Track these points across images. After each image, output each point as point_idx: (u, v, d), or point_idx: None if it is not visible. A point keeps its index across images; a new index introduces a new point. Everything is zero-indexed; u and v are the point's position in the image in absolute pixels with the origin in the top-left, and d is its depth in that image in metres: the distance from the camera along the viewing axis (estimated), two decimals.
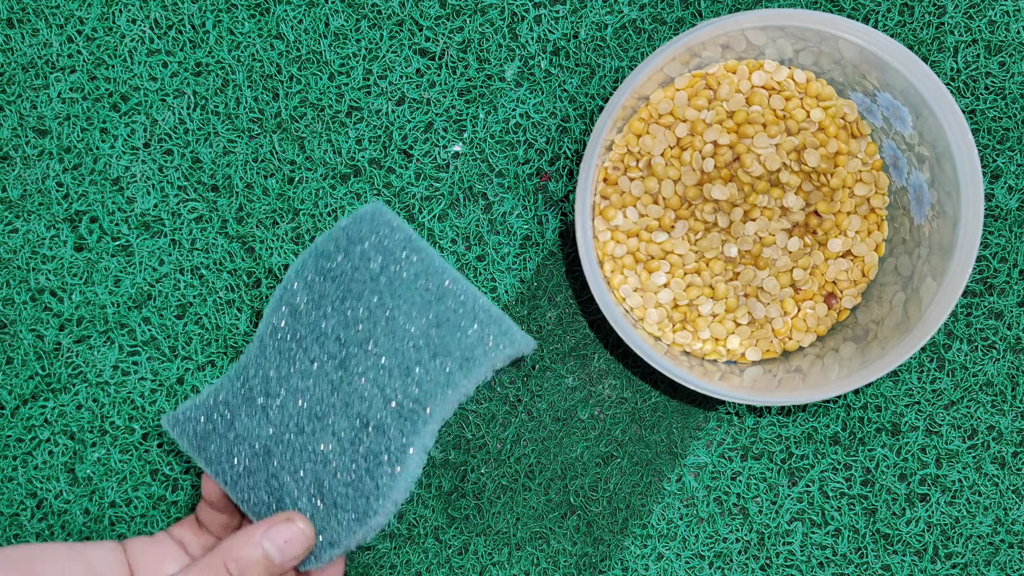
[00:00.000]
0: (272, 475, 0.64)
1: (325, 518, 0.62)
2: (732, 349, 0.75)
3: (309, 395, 0.63)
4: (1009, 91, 0.77)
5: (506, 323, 0.63)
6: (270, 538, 0.61)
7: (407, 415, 0.62)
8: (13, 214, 0.75)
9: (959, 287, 0.68)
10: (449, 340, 0.63)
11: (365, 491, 0.62)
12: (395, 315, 0.63)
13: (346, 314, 0.64)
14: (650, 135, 0.73)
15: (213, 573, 0.60)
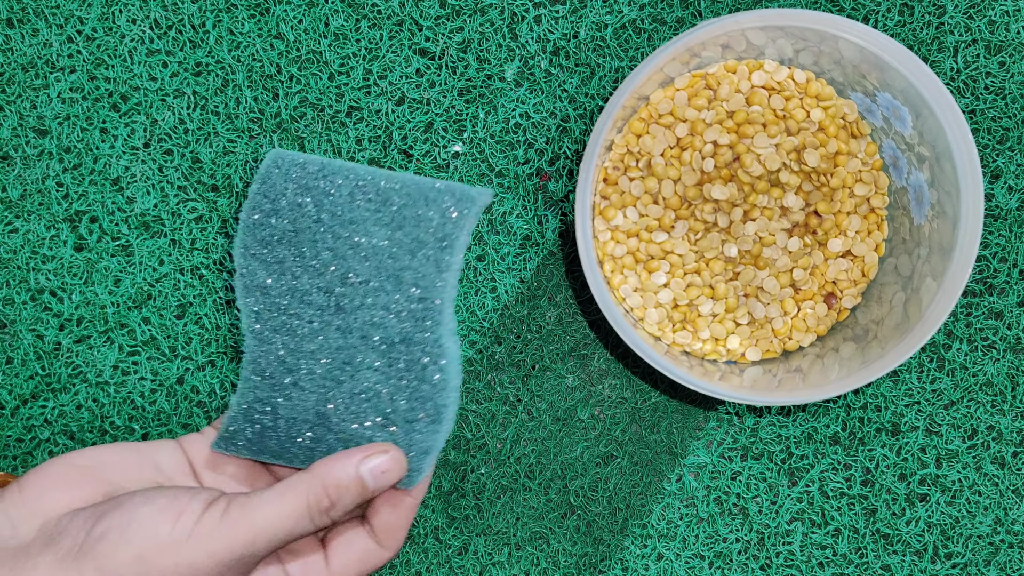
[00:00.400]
0: (337, 433, 0.64)
1: (405, 438, 0.63)
2: (732, 349, 0.75)
3: (327, 351, 0.63)
4: (1009, 91, 0.77)
5: (456, 188, 0.62)
6: (367, 465, 0.61)
7: (421, 315, 0.62)
8: (13, 214, 0.75)
9: (959, 287, 0.68)
10: (417, 233, 0.62)
11: (425, 395, 0.62)
12: (356, 240, 0.63)
13: (313, 265, 0.64)
14: (650, 135, 0.73)
15: (313, 496, 0.60)
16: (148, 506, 0.59)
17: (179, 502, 0.59)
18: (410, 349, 0.62)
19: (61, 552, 0.58)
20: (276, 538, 0.59)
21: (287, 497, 0.60)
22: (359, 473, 0.61)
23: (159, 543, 0.57)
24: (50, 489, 0.60)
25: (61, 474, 0.61)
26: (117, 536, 0.57)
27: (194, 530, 0.58)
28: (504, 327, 0.77)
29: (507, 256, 0.76)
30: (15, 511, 0.60)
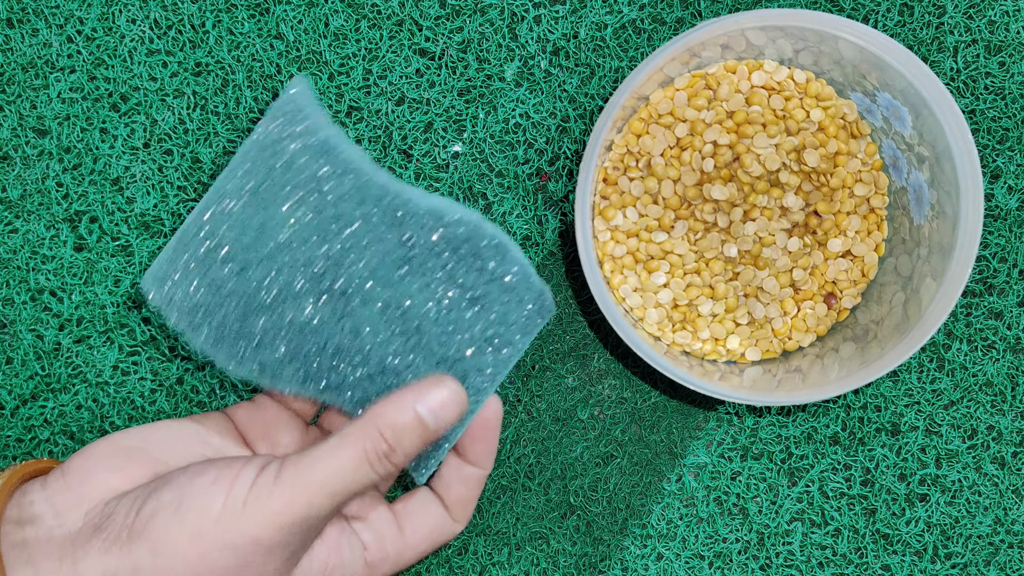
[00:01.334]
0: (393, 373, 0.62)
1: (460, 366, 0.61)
2: (732, 349, 0.75)
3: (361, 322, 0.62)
4: (1009, 91, 0.77)
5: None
6: (424, 403, 0.58)
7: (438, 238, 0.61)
8: (13, 214, 0.75)
9: (959, 287, 0.68)
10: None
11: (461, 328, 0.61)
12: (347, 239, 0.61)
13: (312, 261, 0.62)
14: (650, 135, 0.73)
15: (370, 442, 0.57)
16: (199, 479, 0.56)
17: (231, 471, 0.57)
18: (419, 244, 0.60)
19: (111, 537, 0.55)
20: (338, 493, 0.56)
21: (343, 447, 0.57)
22: (416, 412, 0.58)
23: (214, 516, 0.55)
24: (95, 472, 0.58)
25: (106, 455, 0.59)
26: (169, 514, 0.55)
27: (248, 498, 0.55)
28: None
29: None
30: (60, 498, 0.57)
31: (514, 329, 0.62)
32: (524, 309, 0.62)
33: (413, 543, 0.63)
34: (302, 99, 0.60)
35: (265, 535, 0.55)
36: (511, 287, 0.61)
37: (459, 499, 0.64)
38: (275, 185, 0.60)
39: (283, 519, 0.56)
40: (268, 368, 0.63)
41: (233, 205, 0.60)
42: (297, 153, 0.60)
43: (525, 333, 0.62)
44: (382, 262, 0.61)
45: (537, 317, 0.62)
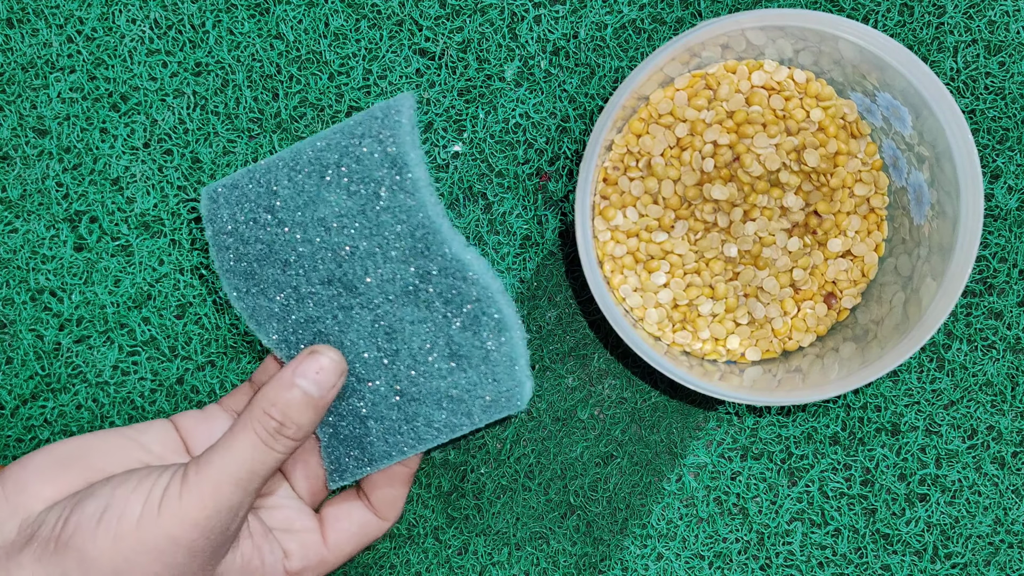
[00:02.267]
0: (423, 400, 0.62)
1: (485, 365, 0.61)
2: (732, 349, 0.75)
3: (365, 334, 0.62)
4: (1009, 91, 0.77)
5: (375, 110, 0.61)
6: (302, 373, 0.60)
7: (421, 246, 0.60)
8: (13, 214, 0.75)
9: (959, 287, 0.68)
10: (367, 174, 0.61)
11: (476, 313, 0.61)
12: (323, 218, 0.61)
13: (302, 266, 0.62)
14: (650, 135, 0.73)
15: (259, 423, 0.59)
16: (120, 488, 0.58)
17: (149, 479, 0.58)
18: (435, 285, 0.61)
19: (40, 548, 0.57)
20: (241, 480, 0.58)
21: (235, 435, 0.59)
22: (297, 384, 0.60)
23: (134, 522, 0.56)
24: (31, 484, 0.59)
25: (42, 467, 0.60)
26: (93, 524, 0.56)
27: (163, 501, 0.57)
28: None
29: (507, 256, 0.76)
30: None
31: (477, 404, 0.63)
32: (496, 390, 0.62)
33: (337, 548, 0.65)
34: (402, 112, 0.61)
35: (182, 534, 0.57)
36: (493, 363, 0.62)
37: (385, 498, 0.66)
38: (340, 171, 0.61)
39: (195, 517, 0.57)
40: (257, 315, 0.64)
41: (300, 168, 0.62)
42: (372, 152, 0.61)
43: (485, 412, 0.63)
44: (393, 280, 0.61)
45: (503, 404, 0.63)
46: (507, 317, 0.61)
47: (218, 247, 0.63)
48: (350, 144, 0.61)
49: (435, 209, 0.61)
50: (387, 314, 0.62)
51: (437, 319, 0.61)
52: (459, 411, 0.63)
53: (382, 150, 0.60)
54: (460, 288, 0.61)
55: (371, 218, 0.61)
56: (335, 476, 0.65)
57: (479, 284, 0.61)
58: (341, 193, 0.61)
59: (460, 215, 0.76)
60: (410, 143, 0.60)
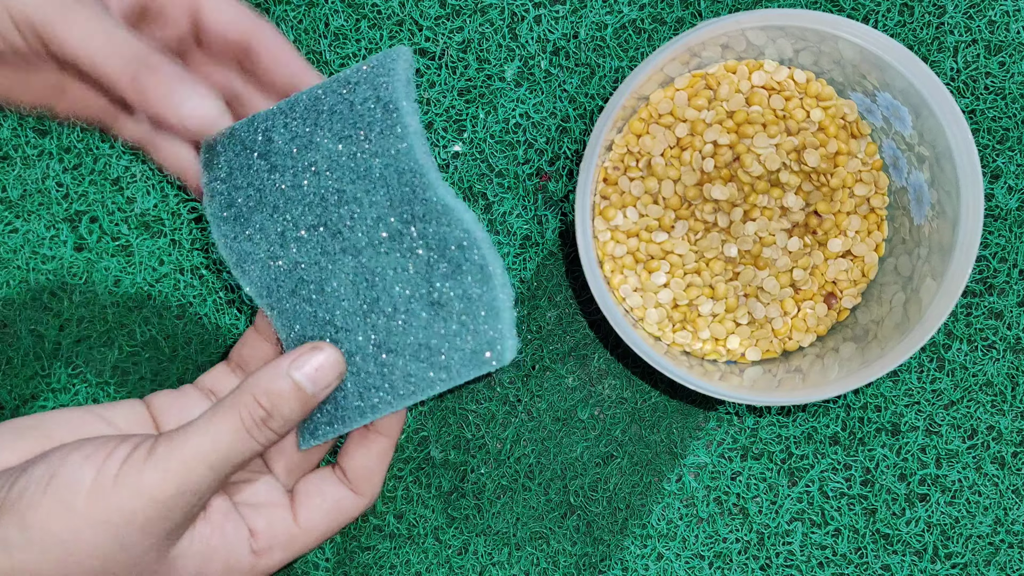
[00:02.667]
0: (401, 351, 0.61)
1: (468, 315, 0.59)
2: (732, 349, 0.75)
3: (348, 282, 0.60)
4: (1009, 91, 0.77)
5: (371, 61, 0.60)
6: (299, 368, 0.58)
7: (408, 192, 0.59)
8: (13, 214, 0.75)
9: (959, 287, 0.68)
10: (360, 120, 0.59)
11: (458, 260, 0.58)
12: (311, 163, 0.59)
13: (290, 211, 0.61)
14: (650, 135, 0.73)
15: (246, 409, 0.56)
16: (73, 455, 0.55)
17: (105, 448, 0.55)
18: (419, 228, 0.59)
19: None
20: (215, 464, 0.55)
21: (218, 417, 0.56)
22: (291, 377, 0.57)
23: (84, 492, 0.54)
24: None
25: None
26: (39, 489, 0.54)
27: (120, 473, 0.54)
28: None
29: (507, 256, 0.76)
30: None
31: (456, 356, 0.60)
32: (476, 343, 0.60)
33: (309, 527, 0.61)
34: (398, 62, 0.60)
35: (139, 510, 0.54)
36: (475, 313, 0.60)
37: (363, 471, 0.62)
38: (333, 116, 0.61)
39: (156, 493, 0.54)
40: (242, 261, 0.63)
41: (296, 116, 0.61)
42: (366, 99, 0.60)
43: (464, 366, 0.60)
44: (376, 225, 0.60)
45: (484, 358, 0.60)
46: (491, 266, 0.59)
47: (211, 194, 0.62)
48: (344, 90, 0.60)
49: (424, 156, 0.59)
50: (370, 260, 0.60)
51: (420, 265, 0.59)
52: (438, 364, 0.60)
53: (375, 96, 0.60)
54: (444, 233, 0.59)
55: (360, 162, 0.60)
56: (306, 435, 0.62)
57: (464, 230, 0.59)
58: (333, 138, 0.60)
59: None
60: (403, 91, 0.60)
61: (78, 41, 0.55)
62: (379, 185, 0.60)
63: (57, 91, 0.62)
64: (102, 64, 0.55)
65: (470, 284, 0.59)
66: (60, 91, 0.62)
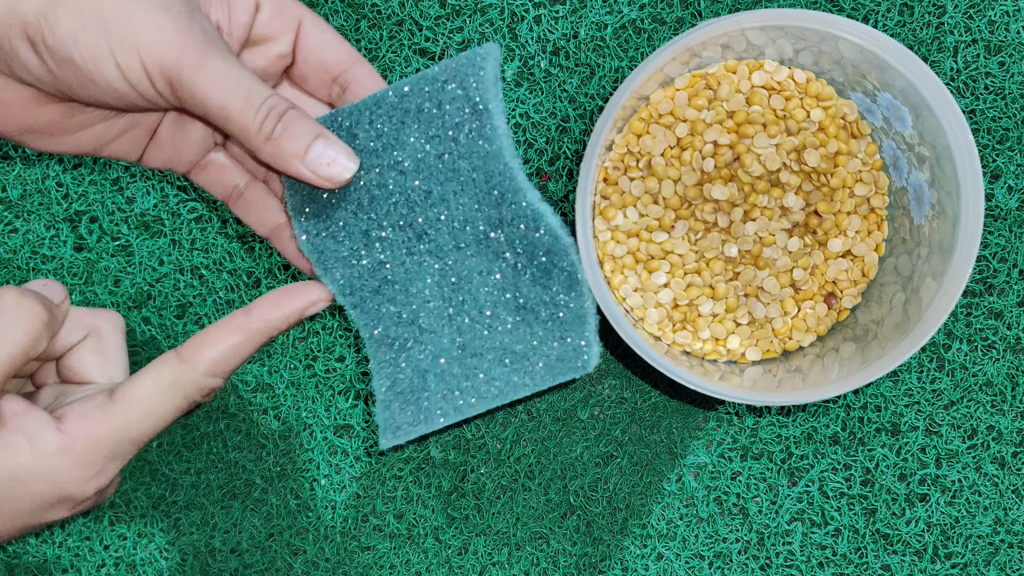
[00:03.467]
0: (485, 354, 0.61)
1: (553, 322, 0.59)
2: (732, 349, 0.75)
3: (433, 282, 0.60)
4: (1009, 91, 0.77)
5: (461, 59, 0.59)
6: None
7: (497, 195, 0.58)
8: (13, 214, 0.76)
9: (959, 287, 0.68)
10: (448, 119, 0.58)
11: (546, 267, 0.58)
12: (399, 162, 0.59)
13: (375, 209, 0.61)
14: (650, 135, 0.73)
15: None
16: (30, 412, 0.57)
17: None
18: (507, 233, 0.59)
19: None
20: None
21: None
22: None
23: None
24: None
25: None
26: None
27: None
28: None
29: None
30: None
31: (542, 362, 0.60)
32: (562, 349, 0.60)
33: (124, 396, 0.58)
34: (488, 60, 0.60)
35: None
36: (562, 320, 0.60)
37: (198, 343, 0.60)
38: (421, 115, 0.60)
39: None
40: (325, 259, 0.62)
41: (382, 113, 0.60)
42: (455, 98, 0.59)
43: (549, 371, 0.61)
44: (464, 227, 0.60)
45: (569, 364, 0.60)
46: (580, 273, 0.60)
47: (292, 189, 0.62)
48: (433, 89, 0.60)
49: (512, 159, 0.59)
50: (456, 262, 0.60)
51: (506, 270, 0.59)
52: (522, 369, 0.60)
53: (464, 96, 0.59)
54: (533, 239, 0.59)
55: (448, 163, 0.59)
56: (388, 434, 0.62)
57: (553, 236, 0.59)
58: (420, 137, 0.60)
59: None
60: (492, 92, 0.59)
61: (215, 91, 0.55)
62: (467, 187, 0.60)
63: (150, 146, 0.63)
64: (239, 115, 0.56)
65: (557, 291, 0.59)
66: (154, 146, 0.63)
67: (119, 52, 0.54)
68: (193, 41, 0.55)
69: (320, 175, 0.58)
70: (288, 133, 0.57)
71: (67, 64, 0.54)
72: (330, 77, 0.62)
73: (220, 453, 0.76)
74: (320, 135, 0.58)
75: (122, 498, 0.75)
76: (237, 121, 0.56)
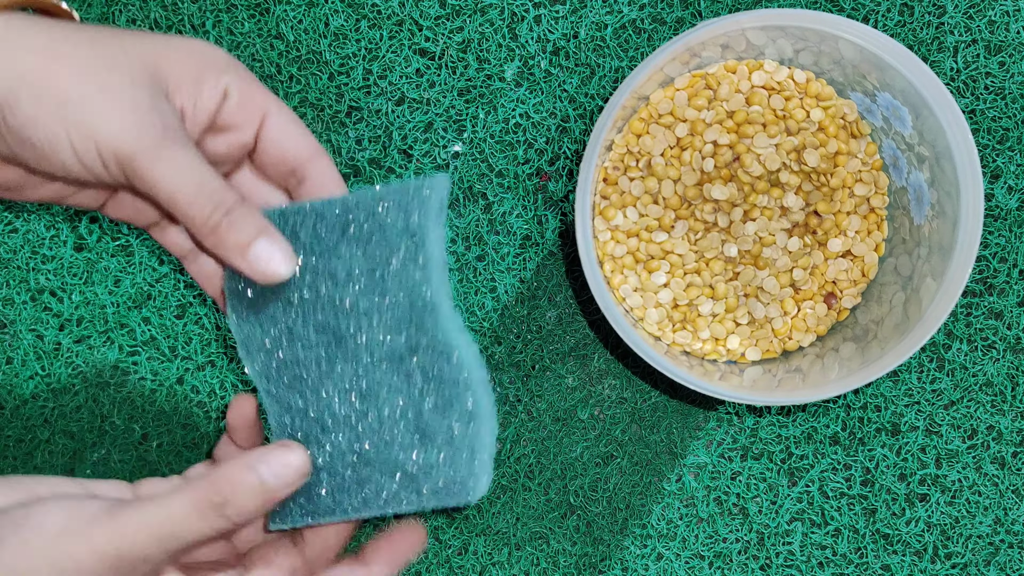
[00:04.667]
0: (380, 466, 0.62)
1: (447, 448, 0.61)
2: (732, 349, 0.75)
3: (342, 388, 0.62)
4: (1009, 91, 0.77)
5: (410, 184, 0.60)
6: (267, 463, 0.59)
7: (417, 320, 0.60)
8: (13, 214, 0.75)
9: (959, 287, 0.68)
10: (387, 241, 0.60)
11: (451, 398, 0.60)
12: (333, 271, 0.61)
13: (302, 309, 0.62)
14: (650, 135, 0.73)
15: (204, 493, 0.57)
16: (50, 503, 0.57)
17: (81, 503, 0.57)
18: (421, 358, 0.61)
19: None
20: (162, 537, 0.57)
21: (178, 495, 0.57)
22: (256, 470, 0.58)
23: (49, 536, 0.56)
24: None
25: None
26: (12, 529, 0.56)
27: (83, 526, 0.56)
28: (504, 327, 0.77)
29: (507, 256, 0.76)
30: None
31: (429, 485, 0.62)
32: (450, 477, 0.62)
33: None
34: (435, 191, 0.61)
35: (87, 564, 0.56)
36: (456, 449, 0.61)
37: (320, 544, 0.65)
38: (362, 229, 0.62)
39: (105, 550, 0.56)
40: (249, 343, 0.64)
41: (325, 222, 0.62)
42: (396, 221, 0.61)
43: (434, 495, 0.62)
44: (382, 344, 0.62)
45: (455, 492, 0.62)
46: (481, 409, 0.61)
47: (231, 272, 0.64)
48: (377, 211, 0.61)
49: (441, 288, 0.61)
50: (368, 374, 0.62)
51: (413, 392, 0.62)
52: (410, 487, 0.63)
53: (405, 224, 0.61)
54: (443, 368, 0.61)
55: (378, 281, 0.61)
56: (277, 518, 0.64)
57: (463, 369, 0.61)
58: (357, 251, 0.62)
59: (460, 215, 0.76)
60: (434, 221, 0.61)
61: (167, 182, 0.56)
62: (392, 307, 0.61)
63: (110, 201, 0.63)
64: (186, 207, 0.57)
65: (456, 423, 0.61)
66: (114, 202, 0.63)
67: (76, 138, 0.55)
68: (151, 132, 0.56)
69: (257, 271, 0.59)
70: (233, 227, 0.58)
71: (25, 143, 0.55)
72: (288, 169, 0.63)
73: None
74: (263, 233, 0.59)
75: None
76: (185, 212, 0.57)
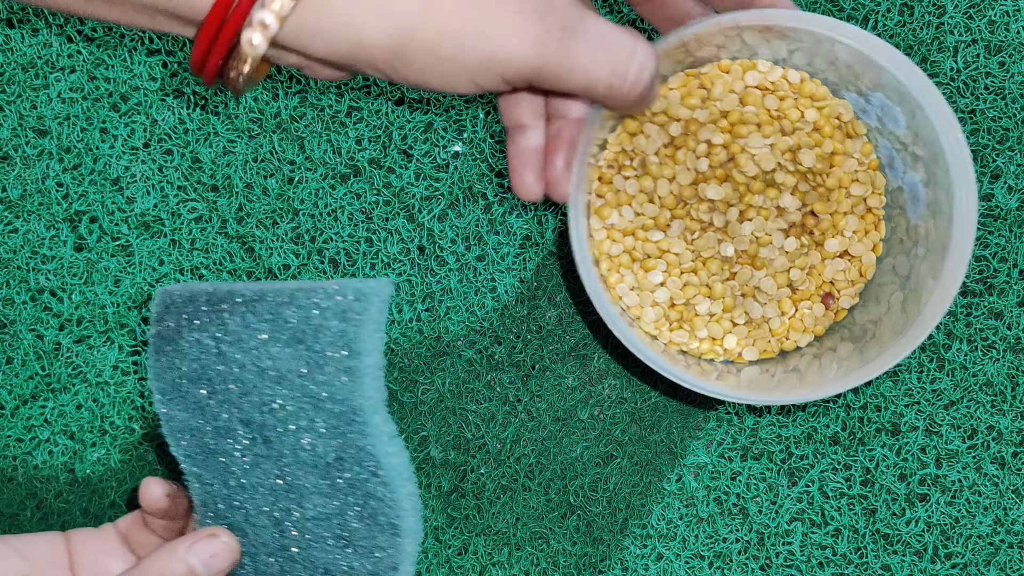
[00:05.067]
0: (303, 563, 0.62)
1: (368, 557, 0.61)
2: (729, 348, 0.75)
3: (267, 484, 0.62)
4: (1009, 91, 0.77)
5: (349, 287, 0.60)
6: (195, 552, 0.60)
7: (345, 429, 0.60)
8: (13, 214, 0.76)
9: (955, 285, 0.68)
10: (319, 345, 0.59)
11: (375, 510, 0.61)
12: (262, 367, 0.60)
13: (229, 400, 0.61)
14: (644, 134, 0.73)
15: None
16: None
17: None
18: (346, 466, 0.61)
19: None
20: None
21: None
22: (186, 560, 0.59)
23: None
24: None
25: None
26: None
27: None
28: (504, 327, 0.77)
29: (507, 256, 0.76)
30: None
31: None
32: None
33: None
34: (374, 299, 0.60)
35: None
36: (376, 562, 0.62)
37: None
38: (295, 332, 0.61)
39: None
40: (171, 423, 0.64)
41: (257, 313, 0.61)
42: (331, 327, 0.60)
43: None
44: (309, 450, 0.61)
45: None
46: (405, 525, 0.61)
47: (156, 350, 0.63)
48: (313, 313, 0.60)
49: (373, 400, 0.60)
50: (292, 475, 0.62)
51: (338, 497, 0.61)
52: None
53: (340, 328, 0.60)
54: (369, 483, 0.61)
55: (308, 387, 0.60)
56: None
57: (389, 486, 0.60)
58: (288, 353, 0.61)
59: (460, 215, 0.76)
60: (372, 330, 0.59)
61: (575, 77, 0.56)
62: (322, 414, 0.61)
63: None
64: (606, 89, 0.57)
65: (377, 536, 0.61)
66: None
67: (477, 73, 0.54)
68: (553, 41, 0.54)
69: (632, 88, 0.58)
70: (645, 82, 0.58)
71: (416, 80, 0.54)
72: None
73: None
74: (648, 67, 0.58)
75: (121, 498, 0.76)
76: (603, 95, 0.56)
